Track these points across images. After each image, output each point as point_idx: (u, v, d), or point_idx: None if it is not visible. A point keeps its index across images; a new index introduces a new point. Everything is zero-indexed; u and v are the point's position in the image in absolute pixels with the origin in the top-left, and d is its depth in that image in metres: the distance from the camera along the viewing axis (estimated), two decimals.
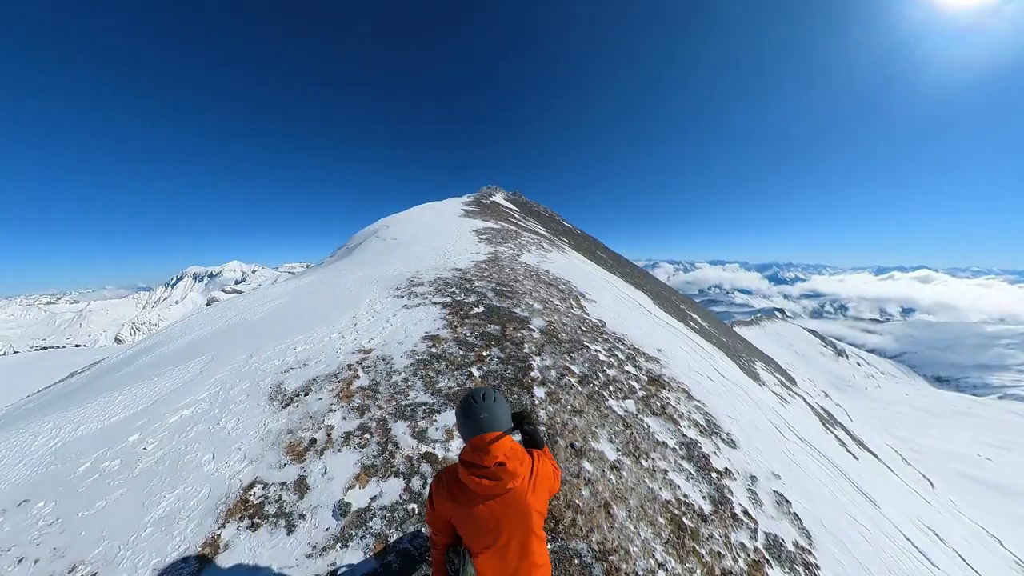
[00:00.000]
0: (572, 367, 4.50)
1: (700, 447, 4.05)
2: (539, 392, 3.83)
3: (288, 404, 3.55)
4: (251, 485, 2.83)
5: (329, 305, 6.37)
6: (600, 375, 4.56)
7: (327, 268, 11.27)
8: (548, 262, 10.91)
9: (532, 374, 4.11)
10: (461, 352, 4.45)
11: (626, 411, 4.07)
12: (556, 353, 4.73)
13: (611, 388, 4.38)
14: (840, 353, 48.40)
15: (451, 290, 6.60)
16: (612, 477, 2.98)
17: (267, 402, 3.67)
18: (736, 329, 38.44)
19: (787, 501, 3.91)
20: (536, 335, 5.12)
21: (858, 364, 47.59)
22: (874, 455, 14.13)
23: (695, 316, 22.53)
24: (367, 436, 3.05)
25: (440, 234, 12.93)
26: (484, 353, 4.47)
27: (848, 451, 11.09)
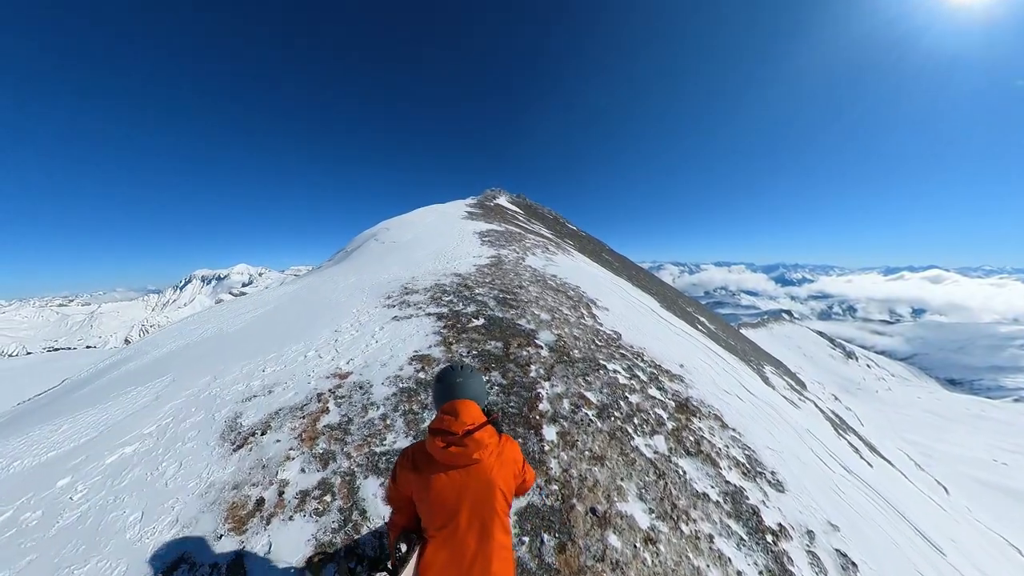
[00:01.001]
0: (588, 394, 3.78)
1: (747, 496, 3.32)
2: (550, 433, 3.10)
3: (241, 446, 2.88)
4: (175, 565, 2.16)
5: (312, 316, 5.72)
6: (621, 403, 3.83)
7: (320, 273, 10.65)
8: (554, 265, 10.21)
9: (540, 407, 3.38)
10: None
11: (656, 452, 3.35)
12: (568, 376, 4.02)
13: (636, 420, 3.66)
14: (849, 355, 47.18)
15: (448, 299, 5.91)
16: (647, 555, 2.26)
17: (218, 442, 3.01)
18: (743, 331, 37.53)
19: (853, 564, 3.18)
20: (544, 353, 4.41)
21: (868, 366, 46.34)
22: (888, 461, 13.35)
23: (702, 319, 21.75)
24: (327, 499, 2.35)
25: (441, 237, 12.31)
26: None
27: (862, 457, 10.30)
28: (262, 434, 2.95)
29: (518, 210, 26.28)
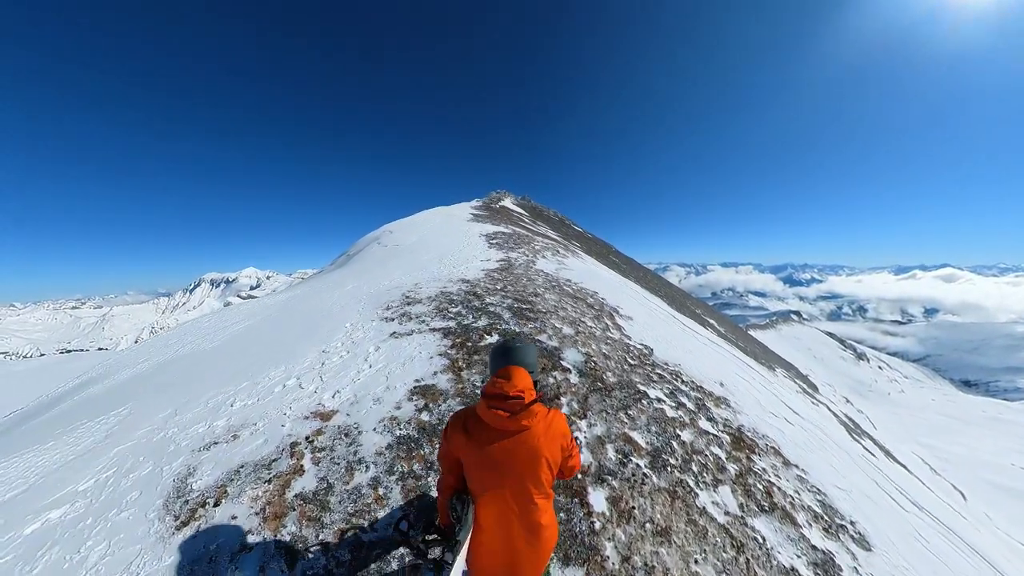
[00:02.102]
0: (634, 435, 3.00)
1: (837, 564, 2.58)
2: (598, 499, 2.33)
3: (187, 522, 2.14)
4: None
5: (299, 332, 4.99)
6: (674, 444, 3.05)
7: (317, 280, 9.96)
8: (567, 269, 9.43)
9: (582, 459, 2.62)
10: None
11: (727, 513, 2.57)
12: (608, 411, 3.24)
13: (694, 467, 2.88)
14: (860, 356, 45.89)
15: (456, 309, 5.14)
16: None
17: (160, 512, 2.27)
18: (751, 333, 36.47)
19: None
20: (574, 379, 3.64)
21: (880, 368, 45.02)
22: (904, 467, 12.54)
23: (712, 321, 20.91)
24: None
25: (447, 239, 11.61)
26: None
27: (877, 466, 9.50)
28: (215, 504, 2.20)
29: (523, 212, 25.63)
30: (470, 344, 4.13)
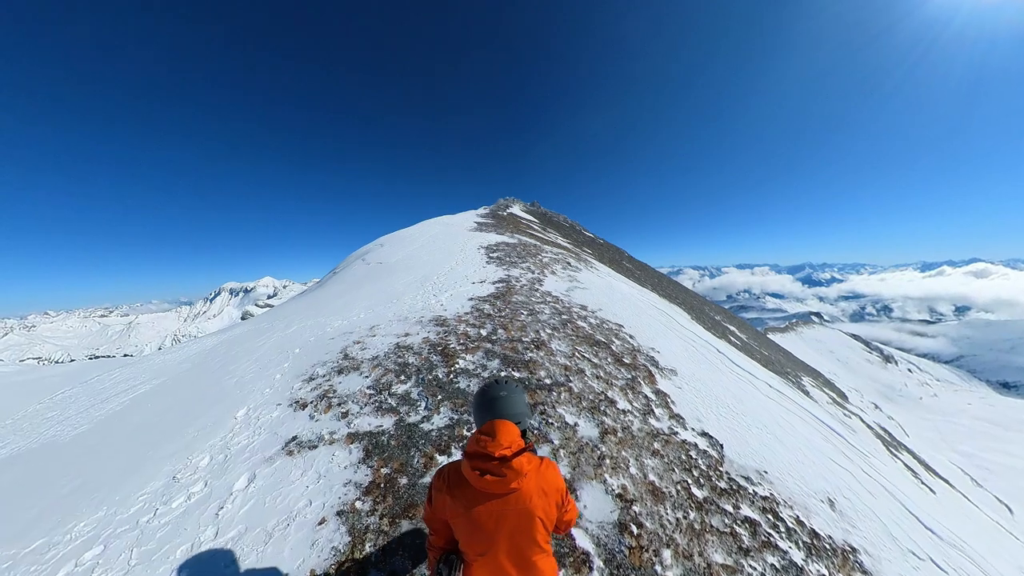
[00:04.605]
0: None
1: None
2: None
3: None
4: None
5: (176, 419, 3.58)
6: None
7: (279, 309, 8.65)
8: (580, 287, 8.11)
9: None
10: None
11: None
12: None
13: None
14: (888, 359, 44.02)
15: (403, 388, 3.48)
16: None
17: None
18: (770, 336, 35.46)
19: None
20: (597, 569, 2.01)
21: (909, 371, 43.05)
22: (946, 482, 11.72)
23: (732, 327, 20.54)
24: None
25: (439, 254, 10.41)
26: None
27: (922, 483, 8.99)
28: None
29: (533, 219, 25.34)
30: (407, 474, 2.46)
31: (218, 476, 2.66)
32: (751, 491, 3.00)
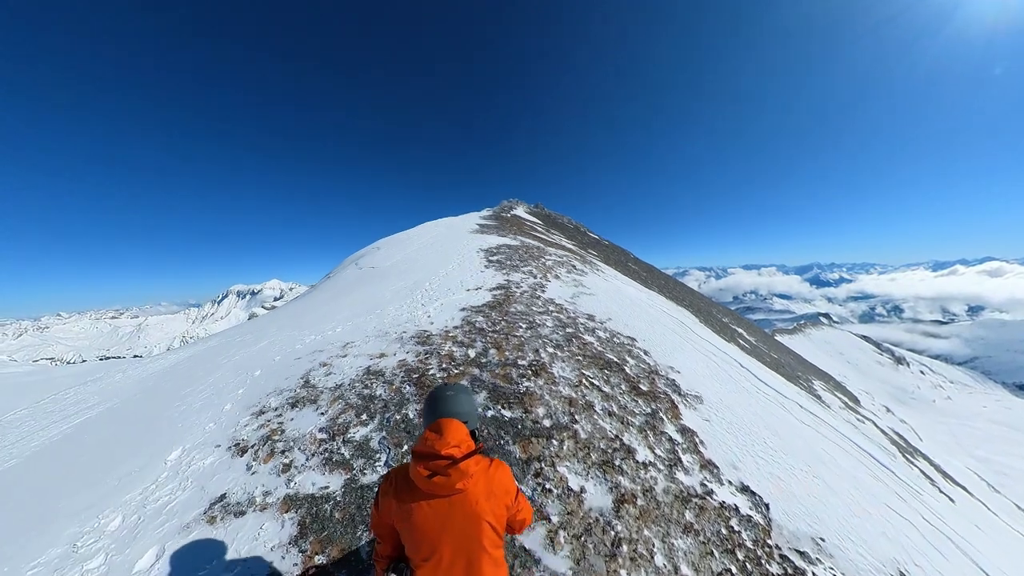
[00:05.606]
0: None
1: None
2: None
3: None
4: None
5: (105, 459, 3.03)
6: None
7: (260, 320, 8.16)
8: (586, 293, 7.56)
9: None
10: None
11: None
12: None
13: None
14: (899, 361, 42.94)
15: (363, 431, 2.85)
16: None
17: None
18: (778, 338, 34.61)
19: None
20: None
21: (922, 373, 41.95)
22: (964, 489, 11.11)
23: (740, 330, 19.90)
24: None
25: (436, 258, 9.88)
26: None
27: (941, 491, 8.32)
28: None
29: (537, 220, 24.96)
30: (347, 567, 1.88)
31: (122, 548, 2.10)
32: (811, 575, 2.34)
